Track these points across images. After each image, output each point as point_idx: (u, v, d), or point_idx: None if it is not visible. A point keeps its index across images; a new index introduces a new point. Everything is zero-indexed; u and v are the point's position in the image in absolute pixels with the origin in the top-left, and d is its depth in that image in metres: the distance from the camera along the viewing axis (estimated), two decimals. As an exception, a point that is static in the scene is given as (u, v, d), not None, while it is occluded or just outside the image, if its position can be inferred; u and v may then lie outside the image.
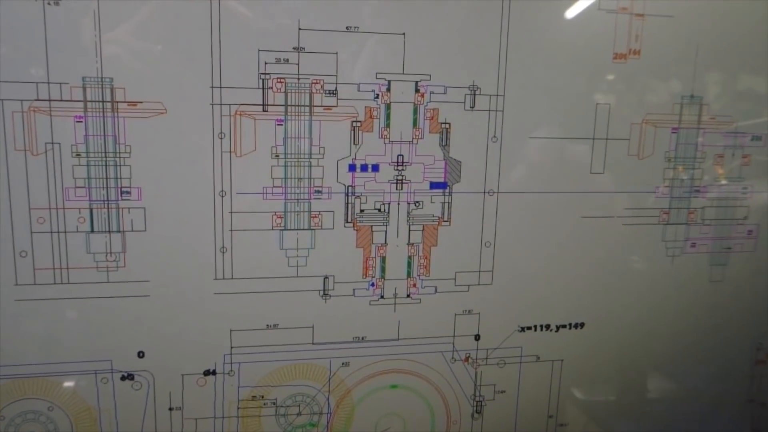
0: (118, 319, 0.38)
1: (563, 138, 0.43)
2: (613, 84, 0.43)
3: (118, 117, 0.36)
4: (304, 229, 0.40)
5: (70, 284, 0.37)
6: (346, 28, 0.38)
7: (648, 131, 0.44)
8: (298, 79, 0.38)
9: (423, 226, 0.42)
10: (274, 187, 0.39)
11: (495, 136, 0.42)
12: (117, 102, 0.36)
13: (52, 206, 0.36)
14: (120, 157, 0.36)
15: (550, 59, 0.42)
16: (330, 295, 0.41)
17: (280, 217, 0.39)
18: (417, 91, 0.40)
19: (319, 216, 0.40)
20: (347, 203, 0.40)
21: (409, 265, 0.42)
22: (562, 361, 0.47)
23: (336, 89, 0.38)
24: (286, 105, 0.38)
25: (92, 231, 0.37)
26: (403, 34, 0.39)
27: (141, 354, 0.39)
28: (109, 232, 0.37)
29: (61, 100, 0.35)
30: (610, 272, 0.46)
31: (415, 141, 0.41)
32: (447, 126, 0.41)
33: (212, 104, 0.37)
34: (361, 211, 0.41)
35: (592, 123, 0.43)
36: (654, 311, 0.48)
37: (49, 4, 0.34)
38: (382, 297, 0.42)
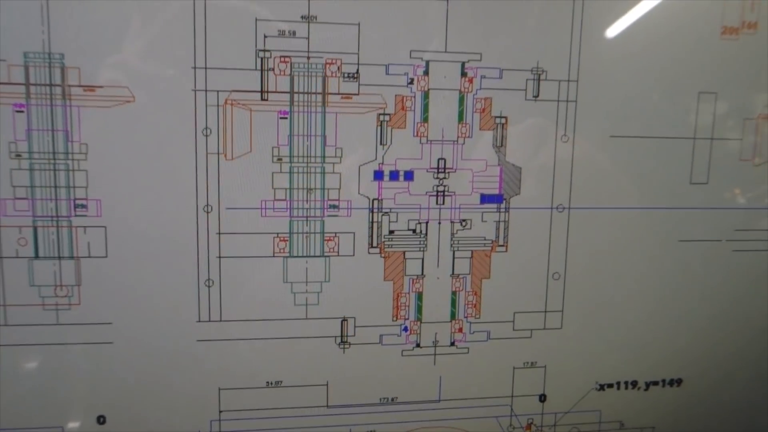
0: (71, 373, 0.35)
1: (654, 137, 0.39)
2: (720, 67, 0.39)
3: (71, 106, 0.32)
4: (315, 257, 0.36)
5: (9, 327, 0.34)
6: (371, -9, 0.35)
7: (766, 129, 0.40)
8: (308, 58, 0.34)
9: (472, 252, 0.38)
10: (275, 200, 0.35)
11: (566, 135, 0.38)
12: (69, 86, 0.32)
13: (-16, 224, 0.33)
14: (73, 160, 0.33)
15: (638, 34, 0.37)
16: (350, 344, 0.38)
17: (283, 241, 0.36)
18: (464, 74, 0.36)
19: (336, 239, 0.36)
20: (372, 222, 0.37)
21: (454, 303, 0.39)
22: (653, 429, 0.43)
23: (357, 72, 0.35)
24: (291, 92, 0.34)
25: (37, 257, 0.33)
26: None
27: (101, 419, 0.36)
28: (59, 258, 0.34)
29: (-3, 84, 0.32)
30: (716, 313, 0.42)
31: (461, 140, 0.37)
32: (503, 121, 0.37)
33: (194, 90, 0.33)
34: (391, 232, 0.37)
35: (693, 117, 0.39)
36: (774, 365, 0.44)
37: (-20, -42, 0.31)
38: (418, 345, 0.39)
